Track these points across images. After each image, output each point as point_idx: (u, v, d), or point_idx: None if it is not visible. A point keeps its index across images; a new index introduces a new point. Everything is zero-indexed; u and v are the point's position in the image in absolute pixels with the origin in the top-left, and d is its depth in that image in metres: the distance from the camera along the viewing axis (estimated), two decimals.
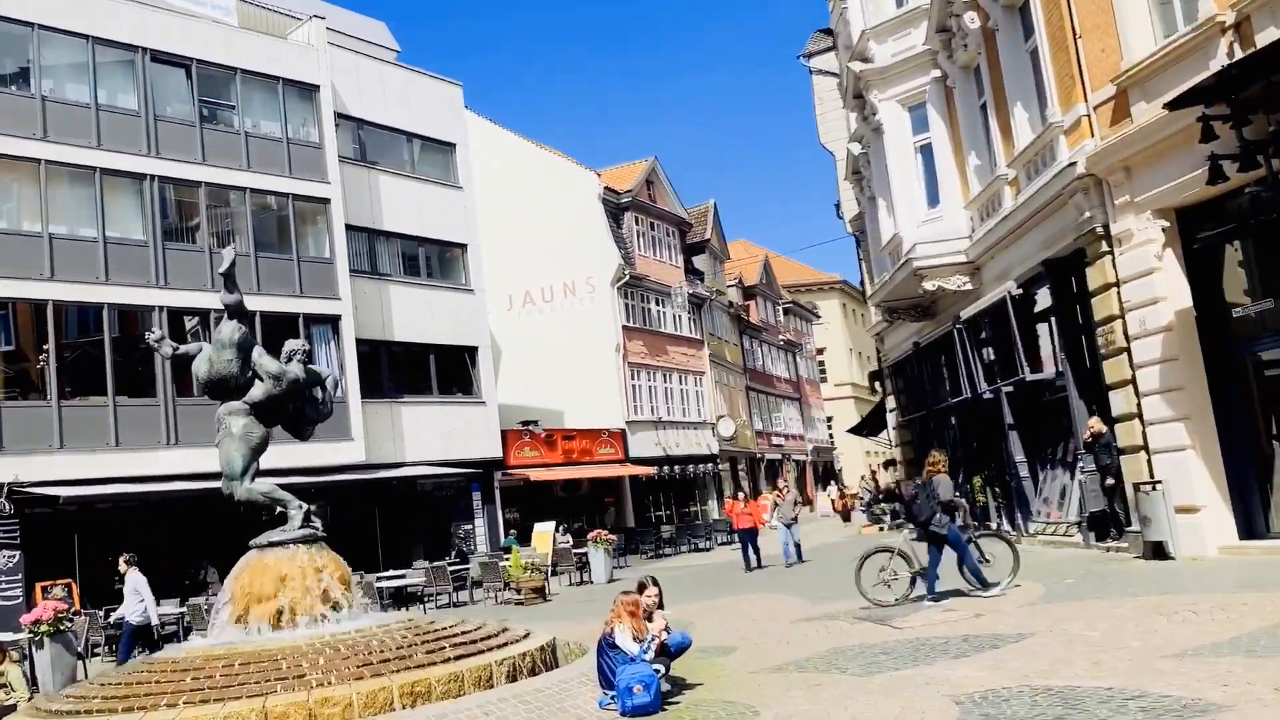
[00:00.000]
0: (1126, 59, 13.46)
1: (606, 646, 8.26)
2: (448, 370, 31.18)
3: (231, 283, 10.01)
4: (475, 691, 8.03)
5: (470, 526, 31.17)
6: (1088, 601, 10.80)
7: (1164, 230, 13.40)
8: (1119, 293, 14.14)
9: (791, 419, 61.68)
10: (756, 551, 21.92)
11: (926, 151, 20.59)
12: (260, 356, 10.05)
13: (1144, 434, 13.90)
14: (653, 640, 8.25)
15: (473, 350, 31.79)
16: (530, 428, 34.56)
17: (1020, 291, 17.21)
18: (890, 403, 27.74)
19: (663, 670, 8.19)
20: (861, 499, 42.23)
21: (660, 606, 8.87)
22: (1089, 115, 14.46)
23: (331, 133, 27.52)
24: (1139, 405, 13.96)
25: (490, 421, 32.02)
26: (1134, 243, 13.71)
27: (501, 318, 38.55)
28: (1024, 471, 18.94)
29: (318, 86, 27.53)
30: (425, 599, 22.14)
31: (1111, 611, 9.92)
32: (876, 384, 38.02)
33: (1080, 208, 14.65)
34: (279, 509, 9.90)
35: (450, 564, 24.95)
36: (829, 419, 72.00)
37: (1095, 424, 16.41)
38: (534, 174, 40.25)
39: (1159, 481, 13.30)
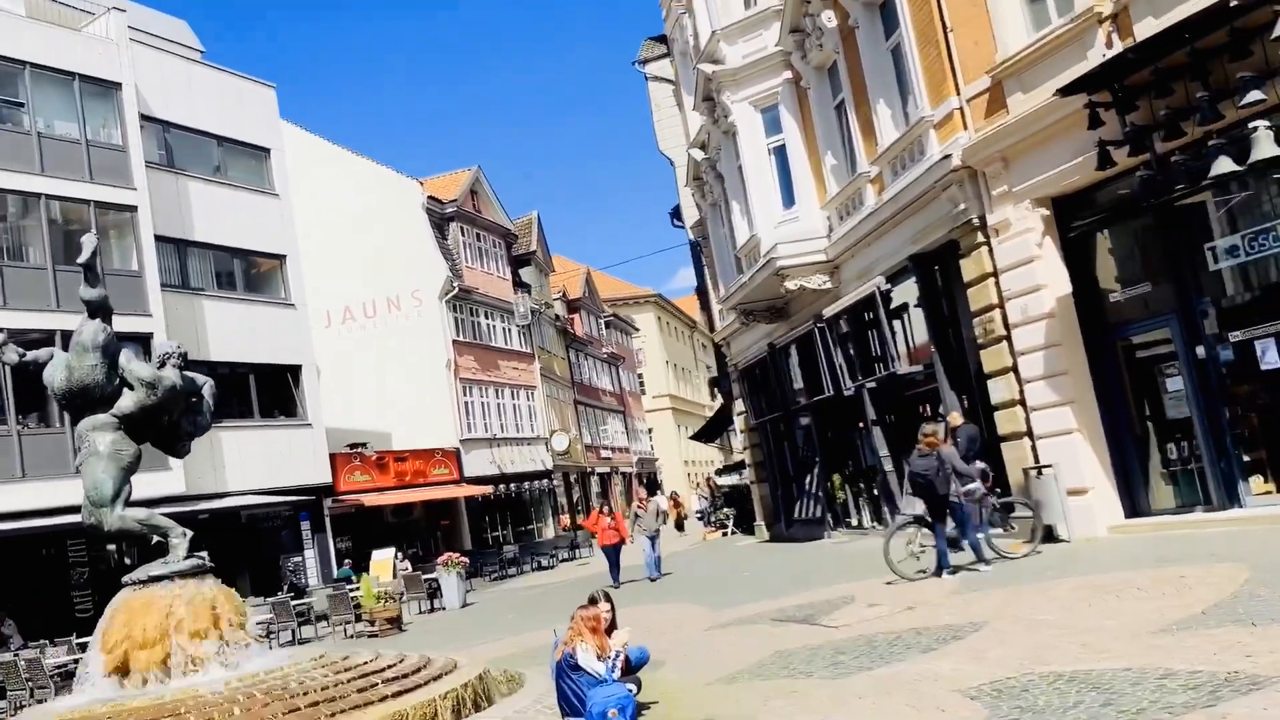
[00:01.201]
0: (1001, 51, 13.68)
1: (568, 669, 7.40)
2: (270, 391, 29.07)
3: (93, 275, 8.50)
4: None
5: (300, 558, 29.12)
6: (1013, 587, 10.70)
7: (1043, 219, 13.67)
8: (997, 282, 14.35)
9: (617, 432, 61.49)
10: (617, 567, 20.79)
11: (780, 153, 20.59)
12: (129, 361, 8.59)
13: (1027, 419, 14.12)
14: (618, 657, 7.45)
15: (296, 369, 29.80)
16: (360, 450, 32.73)
17: (889, 286, 17.33)
18: (738, 406, 27.70)
19: (635, 690, 7.40)
20: (699, 508, 42.42)
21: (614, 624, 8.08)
22: (962, 108, 14.64)
23: (136, 135, 25.17)
24: (1021, 392, 14.18)
25: (317, 445, 30.09)
26: (1012, 232, 13.93)
27: (320, 335, 36.39)
28: (888, 466, 19.08)
29: (119, 84, 25.13)
30: (270, 636, 20.29)
31: (1050, 594, 9.83)
32: (715, 390, 38.22)
33: (954, 200, 14.81)
34: (155, 539, 8.50)
35: (287, 598, 23.12)
36: (649, 430, 72.48)
37: (955, 418, 16.69)
38: (352, 184, 38.39)
39: (1048, 465, 13.52)
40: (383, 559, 28.02)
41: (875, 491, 20.08)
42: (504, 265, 43.69)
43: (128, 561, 25.46)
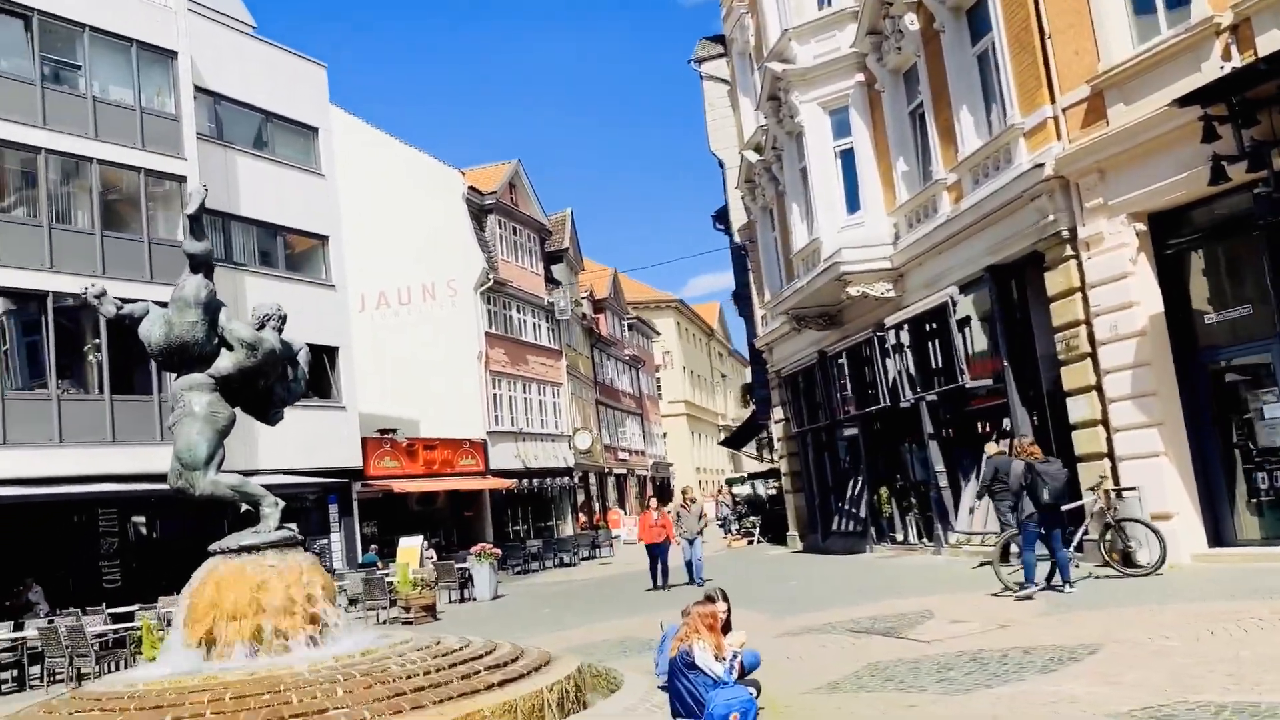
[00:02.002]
0: (1104, 60, 13.29)
1: (684, 667, 7.02)
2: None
3: (199, 228, 8.17)
4: None
5: (326, 541, 28.76)
6: (1109, 610, 10.30)
7: (1138, 234, 13.28)
8: (1084, 297, 13.96)
9: (634, 434, 61.12)
10: (666, 569, 19.94)
11: (847, 156, 20.21)
12: (230, 320, 8.25)
13: (1109, 440, 13.72)
14: (735, 658, 7.08)
15: (333, 351, 29.49)
16: (391, 436, 32.44)
17: (963, 296, 16.93)
18: (776, 414, 27.30)
19: (755, 693, 7.02)
20: (721, 515, 41.96)
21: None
22: (1056, 117, 14.26)
23: (190, 105, 24.92)
24: (1104, 411, 13.78)
25: (350, 429, 29.81)
26: (1105, 246, 13.54)
27: (352, 319, 36.18)
28: (943, 481, 18.68)
29: (175, 53, 24.88)
30: None
31: (1157, 619, 9.42)
32: (749, 397, 37.81)
33: (1043, 211, 14.42)
34: (245, 507, 8.15)
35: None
36: (664, 435, 72.10)
37: (991, 449, 16.38)
38: (394, 170, 38.13)
39: (1131, 489, 13.10)
40: (410, 546, 27.73)
41: (925, 508, 19.63)
42: (537, 260, 43.39)
43: (155, 535, 25.21)
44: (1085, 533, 13.35)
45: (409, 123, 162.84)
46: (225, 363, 8.13)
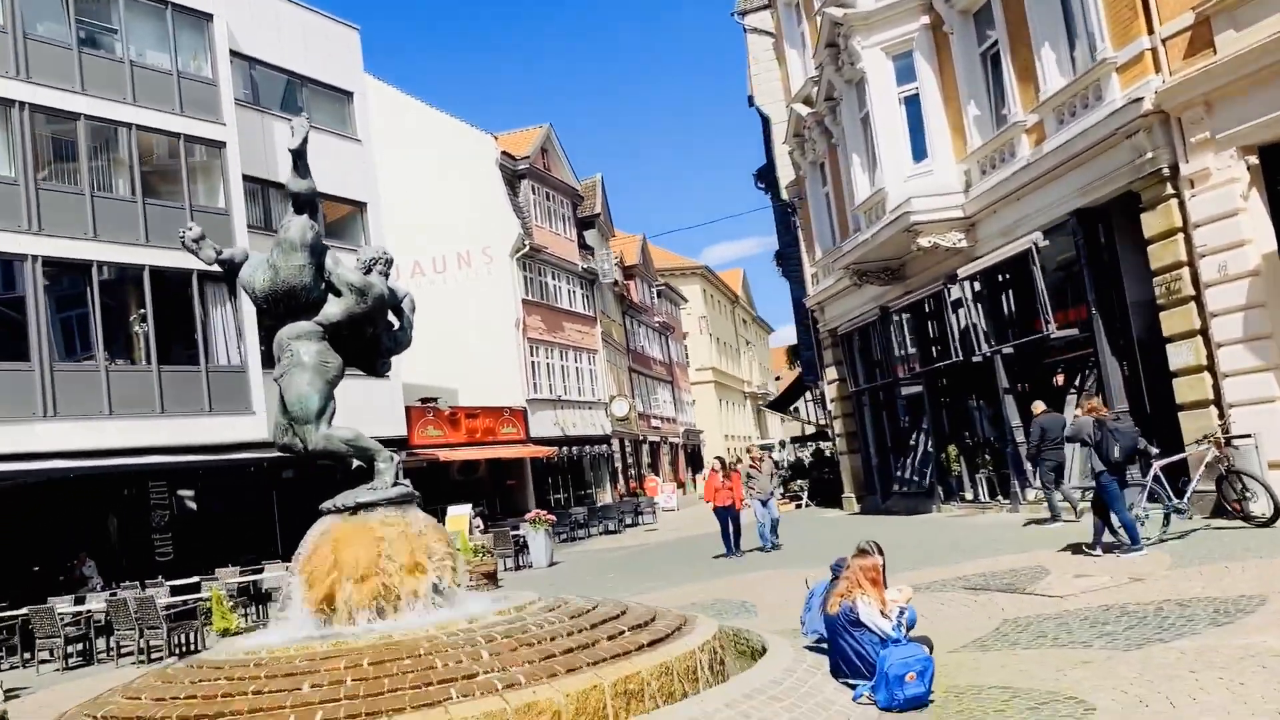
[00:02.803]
0: None
1: (848, 625, 6.51)
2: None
3: (303, 164, 7.60)
4: (688, 689, 6.15)
5: None
6: (1248, 562, 9.71)
7: (1250, 168, 12.58)
8: (1187, 237, 13.29)
9: (666, 401, 60.60)
10: (738, 532, 18.70)
11: (912, 103, 19.46)
12: (337, 264, 7.70)
13: (1215, 387, 13.09)
14: (902, 614, 6.55)
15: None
16: (433, 404, 32.03)
17: (1047, 243, 16.26)
18: (830, 374, 26.69)
19: (929, 651, 6.49)
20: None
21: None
22: (1155, 49, 13.52)
23: (227, 69, 24.38)
24: (1210, 357, 13.14)
25: (394, 397, 29.41)
26: (1212, 183, 12.85)
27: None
28: (1019, 437, 18.06)
29: (211, 16, 24.31)
30: None
31: None
32: (794, 358, 37.19)
33: (1140, 148, 13.72)
34: (356, 463, 7.66)
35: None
36: (693, 402, 71.56)
37: (1039, 407, 15.78)
38: (426, 137, 37.47)
39: (1246, 436, 12.48)
40: (459, 514, 27.30)
41: (1001, 464, 19.04)
42: (570, 226, 42.77)
43: (204, 508, 24.86)
44: (1194, 485, 12.69)
45: (438, 86, 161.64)
46: (334, 309, 7.59)
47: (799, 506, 32.69)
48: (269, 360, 24.14)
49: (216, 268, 7.96)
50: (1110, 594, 9.15)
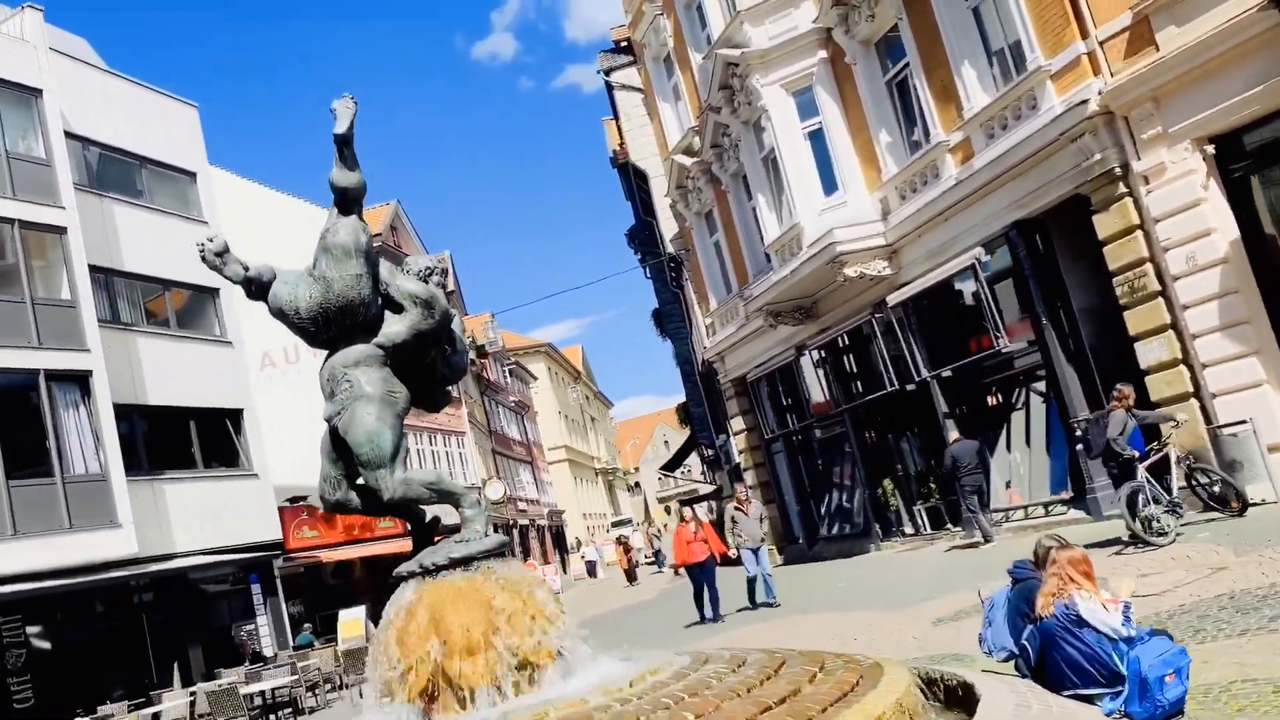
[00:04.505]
0: None
1: (1070, 626, 5.53)
2: (211, 439, 25.78)
3: (350, 153, 6.01)
4: None
5: (253, 625, 25.66)
6: None
7: (1205, 158, 12.71)
8: (1146, 233, 13.31)
9: (529, 483, 58.87)
10: (715, 595, 16.05)
11: (817, 137, 19.32)
12: (393, 275, 6.21)
13: (1194, 379, 13.02)
14: (1128, 608, 5.63)
15: (236, 414, 26.64)
16: (305, 503, 29.51)
17: (989, 258, 16.13)
18: (736, 425, 26.01)
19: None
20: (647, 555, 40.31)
21: None
22: (1093, 52, 13.64)
23: (62, 148, 22.00)
24: (1184, 349, 13.09)
25: (265, 497, 26.91)
26: (1168, 176, 12.92)
27: (252, 379, 33.03)
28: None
29: (40, 91, 21.95)
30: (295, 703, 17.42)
31: None
32: (684, 416, 36.46)
33: (1087, 151, 13.73)
34: (429, 514, 6.21)
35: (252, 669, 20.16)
36: (551, 482, 69.91)
37: (952, 436, 16.03)
38: (269, 219, 35.15)
39: (1241, 423, 12.38)
40: (352, 618, 25.13)
41: (948, 493, 18.64)
42: None
43: (65, 641, 21.65)
44: (1177, 482, 12.44)
45: (275, 169, 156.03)
46: (398, 326, 6.08)
47: None
48: (132, 466, 21.72)
49: (242, 286, 6.44)
50: (1201, 586, 8.58)
